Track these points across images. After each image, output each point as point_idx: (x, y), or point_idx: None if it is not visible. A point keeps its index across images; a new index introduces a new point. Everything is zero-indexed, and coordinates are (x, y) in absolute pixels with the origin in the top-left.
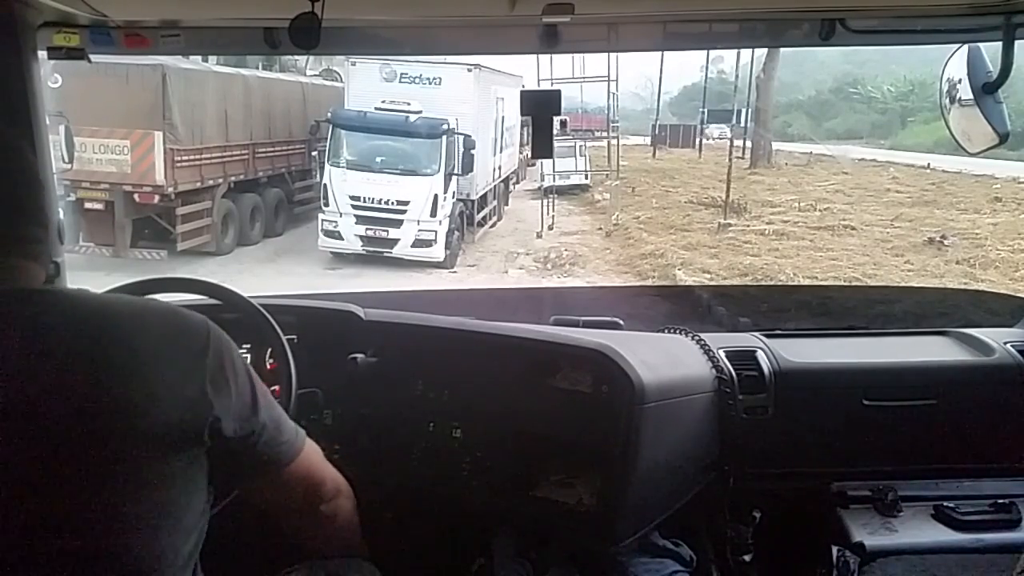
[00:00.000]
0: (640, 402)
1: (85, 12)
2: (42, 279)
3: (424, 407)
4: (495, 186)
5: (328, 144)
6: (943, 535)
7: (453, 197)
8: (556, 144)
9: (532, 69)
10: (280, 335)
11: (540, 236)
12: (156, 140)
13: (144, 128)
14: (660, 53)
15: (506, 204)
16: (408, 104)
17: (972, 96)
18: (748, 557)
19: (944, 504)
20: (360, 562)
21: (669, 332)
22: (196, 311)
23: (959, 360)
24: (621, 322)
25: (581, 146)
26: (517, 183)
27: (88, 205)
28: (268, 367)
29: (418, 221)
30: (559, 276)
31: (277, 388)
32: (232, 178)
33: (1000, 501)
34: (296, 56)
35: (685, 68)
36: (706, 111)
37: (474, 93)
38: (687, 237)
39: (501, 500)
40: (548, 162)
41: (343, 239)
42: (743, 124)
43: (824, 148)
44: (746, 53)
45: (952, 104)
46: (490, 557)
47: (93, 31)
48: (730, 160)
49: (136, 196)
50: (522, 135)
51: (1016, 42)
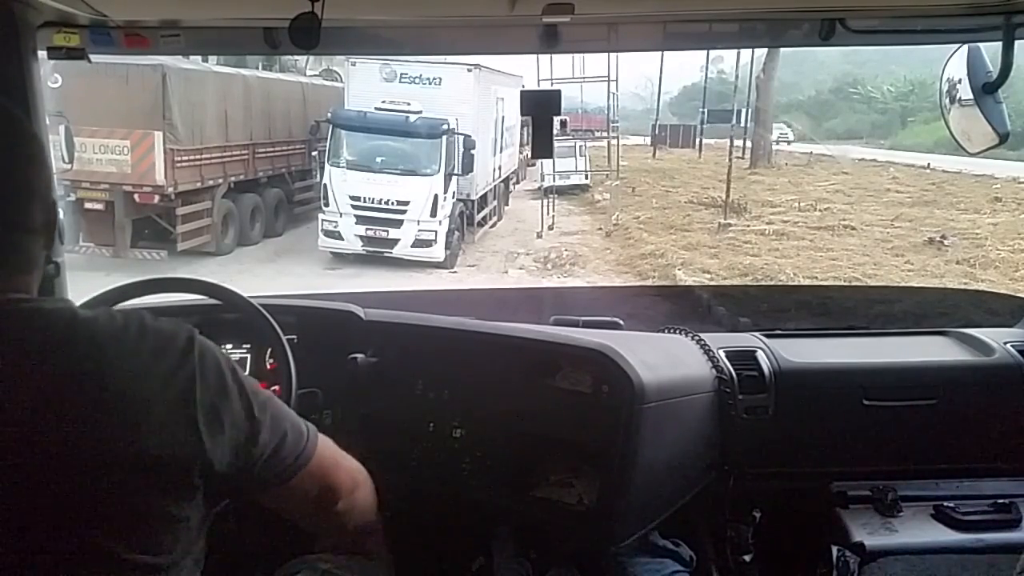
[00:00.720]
0: (640, 402)
1: (85, 12)
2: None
3: (424, 407)
4: (495, 186)
5: (328, 144)
6: (943, 535)
7: (453, 197)
8: (556, 144)
9: (532, 69)
10: (280, 335)
11: (540, 236)
12: (156, 140)
13: (144, 128)
14: (660, 53)
15: (506, 204)
16: (408, 104)
17: (972, 96)
18: (748, 557)
19: (944, 504)
20: (365, 561)
21: (669, 332)
22: (196, 312)
23: (959, 360)
24: (621, 322)
25: (581, 146)
26: (517, 183)
27: (88, 205)
28: (268, 367)
29: (418, 221)
30: (559, 276)
31: (277, 388)
32: (232, 178)
33: (1000, 501)
34: (296, 56)
35: (685, 68)
36: (706, 111)
37: (474, 93)
38: (687, 237)
39: (501, 500)
40: (548, 162)
41: (343, 239)
42: (743, 124)
43: (824, 148)
44: (746, 53)
45: (952, 104)
46: (490, 557)
47: (93, 31)
48: (730, 160)
49: (136, 196)
50: (522, 135)
51: (1016, 42)
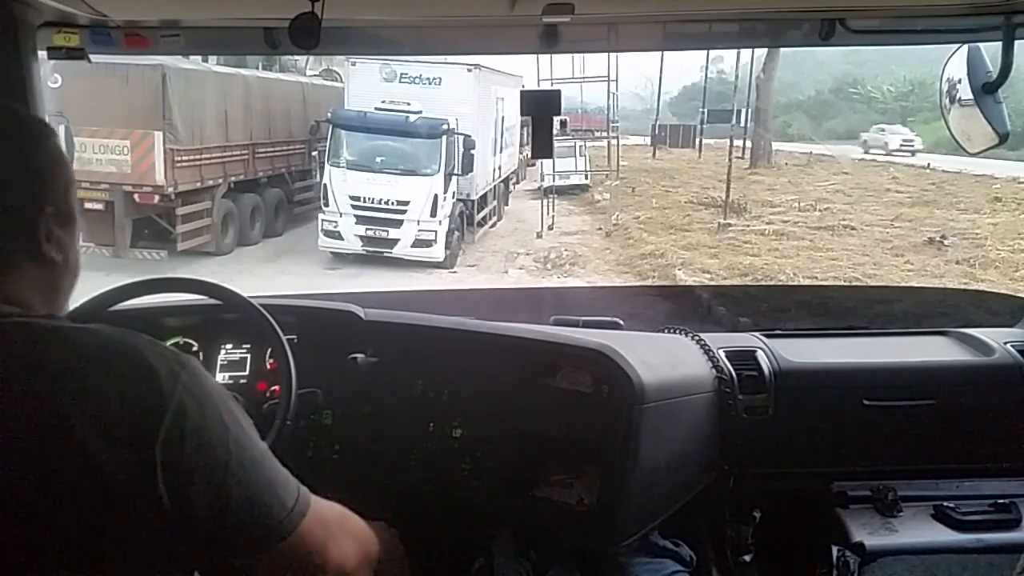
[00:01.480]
0: (640, 402)
1: (85, 12)
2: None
3: (424, 407)
4: (495, 186)
5: (328, 144)
6: (943, 535)
7: (453, 197)
8: (556, 144)
9: (532, 69)
10: (280, 335)
11: (540, 236)
12: (156, 140)
13: (144, 128)
14: (660, 53)
15: (506, 204)
16: (408, 104)
17: (972, 96)
18: (748, 557)
19: (944, 504)
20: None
21: (669, 332)
22: (196, 312)
23: (959, 360)
24: (621, 322)
25: (581, 146)
26: (517, 183)
27: (88, 205)
28: (268, 367)
29: (418, 221)
30: (559, 276)
31: (277, 388)
32: (232, 178)
33: (1000, 501)
34: (296, 56)
35: (685, 68)
36: (706, 111)
37: (474, 93)
38: (687, 237)
39: (501, 500)
40: (548, 162)
41: (343, 239)
42: (743, 124)
43: (824, 148)
44: (746, 53)
45: (952, 104)
46: (490, 557)
47: (93, 31)
48: (730, 160)
49: (136, 196)
50: (522, 135)
51: (1016, 42)
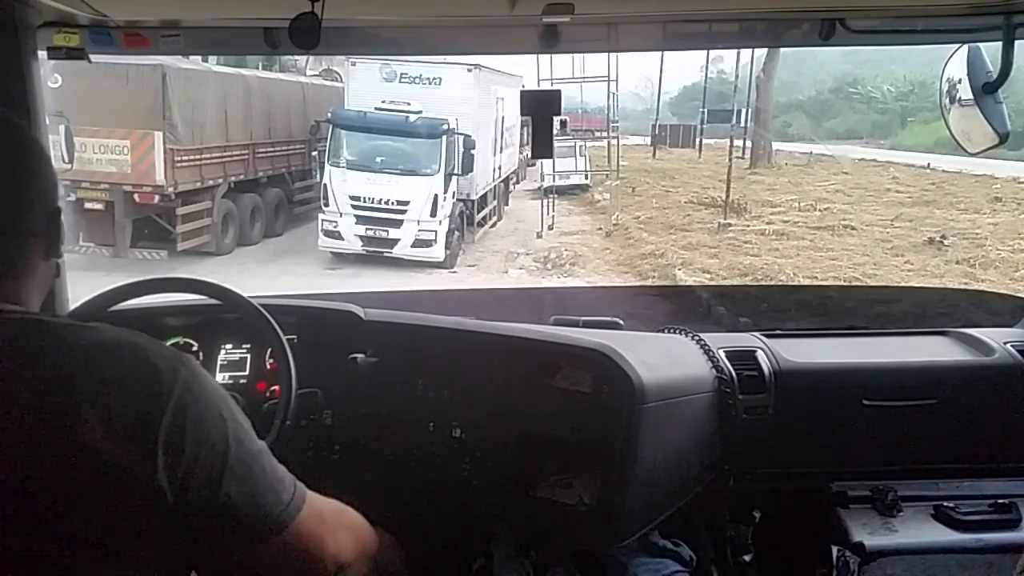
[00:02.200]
0: (640, 402)
1: (85, 12)
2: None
3: (424, 407)
4: (495, 186)
5: (328, 144)
6: (943, 535)
7: (453, 197)
8: (556, 144)
9: (532, 69)
10: (280, 335)
11: (540, 236)
12: (156, 140)
13: (144, 128)
14: (660, 53)
15: (506, 204)
16: (408, 104)
17: (972, 96)
18: (748, 557)
19: (944, 504)
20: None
21: (669, 332)
22: (196, 312)
23: (959, 360)
24: (621, 322)
25: (581, 146)
26: (517, 183)
27: (88, 205)
28: (268, 367)
29: (418, 221)
30: (559, 276)
31: (277, 388)
32: (232, 178)
33: (1000, 501)
34: (296, 56)
35: (685, 68)
36: (706, 111)
37: (474, 93)
38: (687, 237)
39: (501, 500)
40: (548, 162)
41: (343, 239)
42: (743, 124)
43: (824, 148)
44: (746, 53)
45: (952, 104)
46: (490, 557)
47: (93, 31)
48: (730, 160)
49: (136, 196)
50: (522, 135)
51: (1016, 42)
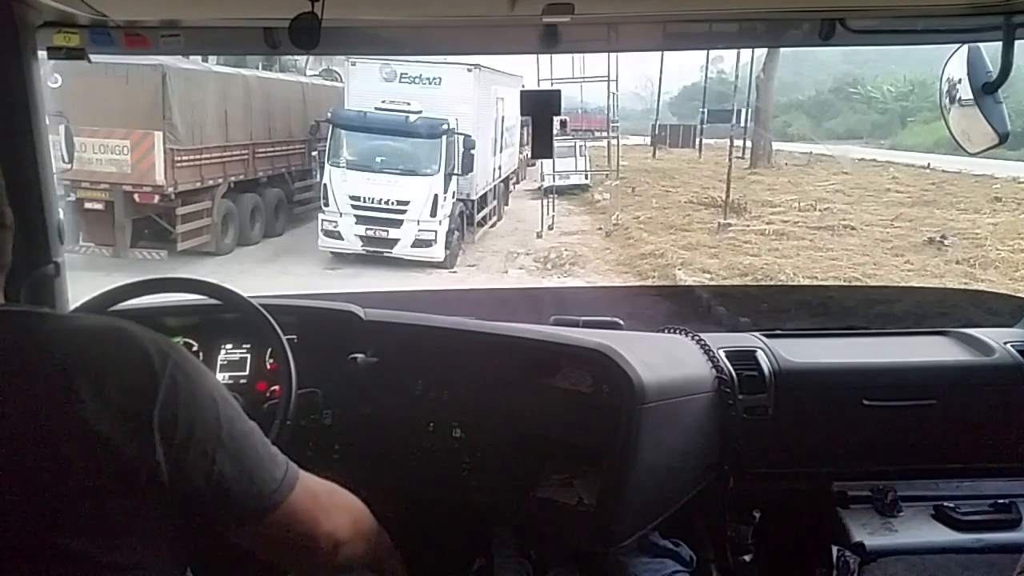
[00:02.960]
0: (640, 402)
1: (85, 12)
2: None
3: (424, 407)
4: (495, 186)
5: (328, 144)
6: (943, 535)
7: (453, 197)
8: (556, 144)
9: (532, 69)
10: (280, 335)
11: (540, 236)
12: (156, 140)
13: (144, 128)
14: (660, 53)
15: (506, 204)
16: (408, 104)
17: (972, 96)
18: (748, 557)
19: (944, 504)
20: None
21: (669, 332)
22: (196, 312)
23: (959, 360)
24: (621, 322)
25: (581, 146)
26: (517, 183)
27: (88, 205)
28: (268, 367)
29: (418, 221)
30: (559, 276)
31: (277, 388)
32: (232, 178)
33: (1000, 501)
34: (296, 56)
35: (685, 68)
36: (706, 111)
37: (474, 93)
38: (687, 237)
39: (501, 500)
40: (548, 162)
41: (343, 239)
42: (743, 124)
43: (824, 148)
44: (746, 53)
45: (952, 104)
46: (490, 557)
47: (93, 31)
48: (730, 160)
49: (136, 196)
50: (522, 135)
51: (1016, 42)
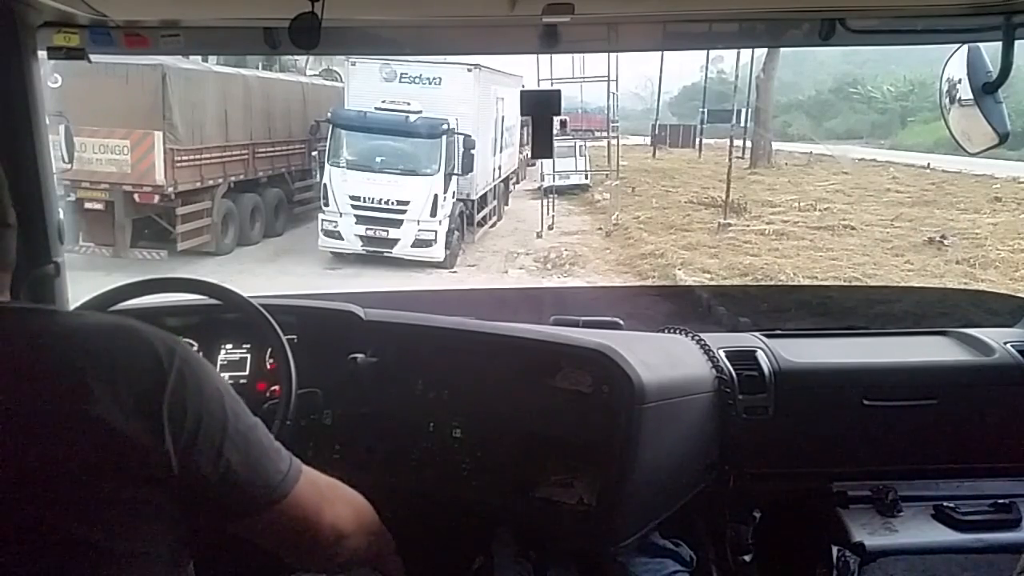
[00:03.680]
0: (640, 402)
1: (85, 12)
2: None
3: (424, 407)
4: (495, 186)
5: (328, 144)
6: (943, 535)
7: (453, 197)
8: (556, 144)
9: (532, 69)
10: (280, 335)
11: (540, 236)
12: (156, 140)
13: (144, 128)
14: (660, 53)
15: (506, 204)
16: (408, 104)
17: (972, 96)
18: (748, 557)
19: (944, 504)
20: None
21: (669, 332)
22: (196, 312)
23: (959, 360)
24: (621, 322)
25: (581, 146)
26: (517, 183)
27: (88, 205)
28: (268, 367)
29: (418, 221)
30: (559, 276)
31: (277, 388)
32: (232, 178)
33: (1000, 501)
34: (296, 56)
35: (685, 68)
36: (706, 111)
37: (474, 93)
38: (687, 237)
39: (501, 500)
40: (548, 162)
41: (343, 239)
42: (743, 124)
43: (824, 148)
44: (746, 53)
45: (952, 104)
46: (490, 557)
47: (93, 31)
48: (730, 160)
49: (136, 196)
50: (522, 135)
51: (1016, 42)
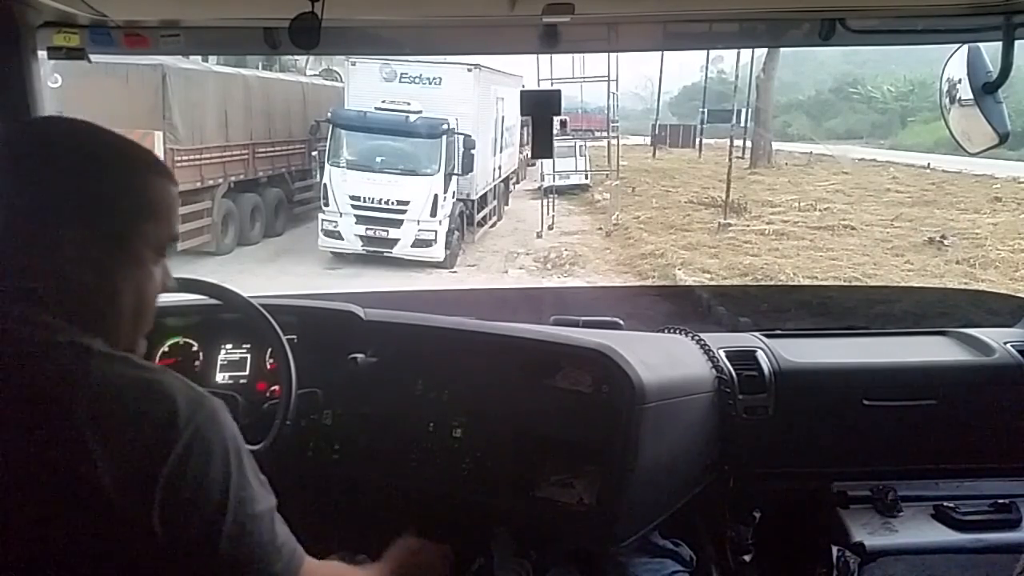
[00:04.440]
0: (640, 402)
1: (85, 12)
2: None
3: (424, 407)
4: (495, 186)
5: (328, 144)
6: (943, 535)
7: (453, 197)
8: (556, 144)
9: (532, 69)
10: (280, 335)
11: (540, 236)
12: (156, 140)
13: (144, 128)
14: (660, 53)
15: (506, 204)
16: (408, 104)
17: (972, 96)
18: (748, 557)
19: (944, 504)
20: None
21: (669, 332)
22: (196, 312)
23: (959, 360)
24: (621, 322)
25: (581, 146)
26: (517, 183)
27: None
28: (268, 367)
29: (418, 221)
30: (559, 276)
31: (277, 388)
32: (232, 178)
33: (1000, 501)
34: (296, 56)
35: (685, 68)
36: (706, 111)
37: (474, 93)
38: (687, 237)
39: (501, 500)
40: (548, 162)
41: (343, 239)
42: (743, 124)
43: (824, 148)
44: (746, 53)
45: (952, 104)
46: (490, 557)
47: (93, 31)
48: (730, 160)
49: None
50: (522, 135)
51: (1016, 42)
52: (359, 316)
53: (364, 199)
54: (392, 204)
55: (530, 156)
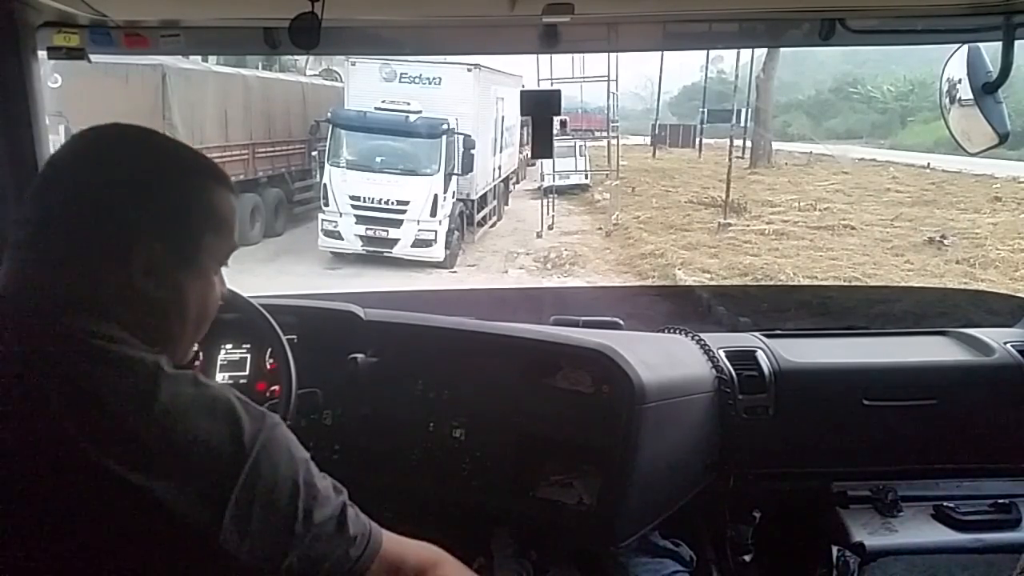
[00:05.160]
0: (640, 402)
1: (85, 12)
2: None
3: (424, 407)
4: (495, 186)
5: (328, 144)
6: (943, 535)
7: (453, 197)
8: (556, 144)
9: (532, 69)
10: (280, 335)
11: (540, 236)
12: None
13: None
14: (660, 53)
15: (506, 204)
16: (408, 104)
17: (972, 96)
18: (748, 557)
19: (944, 504)
20: None
21: (669, 332)
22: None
23: (959, 360)
24: (621, 322)
25: (581, 146)
26: (517, 183)
27: None
28: (268, 367)
29: (418, 221)
30: (559, 276)
31: (277, 388)
32: (232, 178)
33: (1000, 501)
34: (296, 56)
35: (685, 68)
36: (706, 111)
37: (474, 93)
38: (687, 237)
39: (501, 500)
40: (548, 162)
41: (343, 239)
42: (743, 124)
43: (824, 148)
44: (746, 53)
45: (952, 104)
46: (490, 557)
47: (93, 31)
48: (730, 160)
49: None
50: (522, 135)
51: (1016, 42)
52: (359, 316)
53: (364, 199)
54: (392, 204)
55: (530, 156)
